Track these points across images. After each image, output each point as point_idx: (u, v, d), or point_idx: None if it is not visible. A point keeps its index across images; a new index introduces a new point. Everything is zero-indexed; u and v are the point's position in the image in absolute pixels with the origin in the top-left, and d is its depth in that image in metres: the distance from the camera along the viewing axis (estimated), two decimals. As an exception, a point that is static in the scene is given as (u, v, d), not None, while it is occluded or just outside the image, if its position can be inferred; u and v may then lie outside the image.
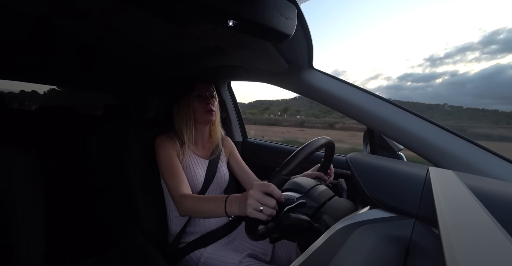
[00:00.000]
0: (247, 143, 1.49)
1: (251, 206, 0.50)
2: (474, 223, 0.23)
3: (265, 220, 0.51)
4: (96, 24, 0.76)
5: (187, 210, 0.69)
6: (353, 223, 0.44)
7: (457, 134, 0.65)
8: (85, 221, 1.01)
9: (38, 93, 4.39)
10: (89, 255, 0.71)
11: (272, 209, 0.50)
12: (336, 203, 0.60)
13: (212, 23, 0.47)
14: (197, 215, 0.68)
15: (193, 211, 0.67)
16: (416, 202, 0.42)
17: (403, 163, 0.57)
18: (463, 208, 0.27)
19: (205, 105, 0.88)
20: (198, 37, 0.81)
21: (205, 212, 0.64)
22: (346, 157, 0.57)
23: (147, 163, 0.91)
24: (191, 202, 0.68)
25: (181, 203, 0.70)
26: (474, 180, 0.44)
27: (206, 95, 0.89)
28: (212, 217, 0.68)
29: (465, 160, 0.60)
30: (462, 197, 0.31)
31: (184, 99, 0.87)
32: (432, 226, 0.39)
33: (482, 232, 0.21)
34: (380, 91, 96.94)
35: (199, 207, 0.66)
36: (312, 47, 0.74)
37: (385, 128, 0.71)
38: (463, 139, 0.63)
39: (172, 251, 0.85)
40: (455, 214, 0.24)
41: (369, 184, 0.49)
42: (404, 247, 0.39)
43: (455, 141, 0.63)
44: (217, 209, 0.61)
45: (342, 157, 1.03)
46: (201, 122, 0.90)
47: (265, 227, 0.58)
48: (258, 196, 0.50)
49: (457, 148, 0.62)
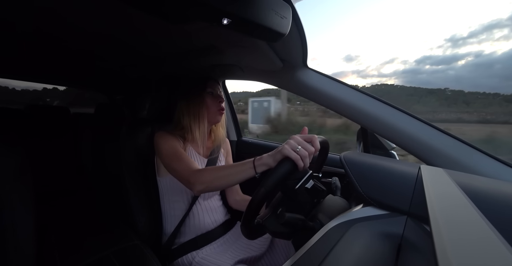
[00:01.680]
0: (242, 142, 1.49)
1: (290, 145, 0.52)
2: (464, 220, 0.24)
3: (297, 161, 0.51)
4: (88, 22, 0.75)
5: (205, 181, 0.64)
6: (346, 220, 0.45)
7: (448, 133, 0.66)
8: (76, 221, 1.00)
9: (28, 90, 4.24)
10: (81, 256, 0.70)
11: (307, 153, 0.52)
12: (330, 201, 0.61)
13: (206, 21, 0.47)
14: (218, 182, 0.63)
15: (214, 179, 0.63)
16: (408, 199, 0.42)
17: (395, 161, 0.58)
18: (453, 206, 0.28)
19: (218, 104, 0.87)
20: (193, 36, 0.80)
21: (229, 175, 0.62)
22: (340, 156, 0.57)
23: (141, 162, 0.90)
24: (211, 171, 0.66)
25: (199, 176, 0.65)
26: (464, 178, 0.45)
27: (217, 93, 0.89)
28: (234, 182, 0.62)
29: (456, 158, 0.61)
30: (453, 195, 0.32)
31: (196, 95, 0.86)
32: (423, 223, 0.39)
33: (472, 228, 0.22)
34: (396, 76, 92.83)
35: (221, 173, 0.63)
36: (306, 46, 0.75)
37: (378, 127, 0.72)
38: (454, 138, 0.65)
39: (166, 252, 0.84)
40: (446, 211, 0.25)
41: (362, 182, 0.50)
42: (397, 244, 0.39)
43: (446, 140, 0.65)
44: (245, 167, 0.59)
45: (336, 155, 1.04)
46: (209, 121, 0.89)
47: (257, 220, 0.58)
48: (299, 140, 0.53)
49: (448, 146, 0.63)
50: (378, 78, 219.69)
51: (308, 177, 0.57)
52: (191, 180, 0.65)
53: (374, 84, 61.63)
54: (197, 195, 0.73)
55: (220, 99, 0.88)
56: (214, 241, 0.87)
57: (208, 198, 0.91)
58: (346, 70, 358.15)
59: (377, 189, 0.47)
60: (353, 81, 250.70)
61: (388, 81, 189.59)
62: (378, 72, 44.55)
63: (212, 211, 0.91)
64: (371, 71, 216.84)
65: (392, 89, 12.38)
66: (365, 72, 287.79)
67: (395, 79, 17.43)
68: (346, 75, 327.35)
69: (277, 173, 0.50)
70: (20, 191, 0.57)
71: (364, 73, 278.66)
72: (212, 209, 0.91)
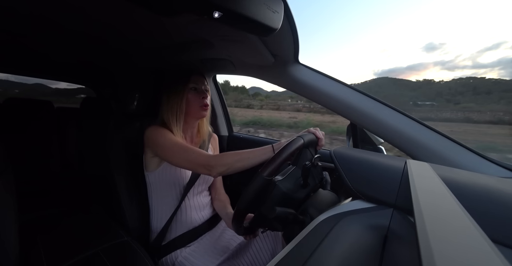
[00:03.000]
0: (233, 137, 1.49)
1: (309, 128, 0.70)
2: (445, 211, 0.25)
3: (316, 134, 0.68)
4: (72, 14, 0.71)
5: (227, 163, 0.68)
6: (335, 214, 0.46)
7: (434, 129, 0.69)
8: (63, 220, 0.97)
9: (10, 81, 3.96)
10: (69, 254, 0.69)
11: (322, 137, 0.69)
12: (320, 195, 0.62)
13: (197, 14, 0.46)
14: (239, 164, 0.68)
15: (236, 162, 0.68)
16: (394, 192, 0.44)
17: (383, 156, 0.60)
18: (436, 198, 0.29)
19: (201, 100, 0.86)
20: (183, 29, 0.78)
21: (250, 158, 0.68)
22: (330, 151, 0.58)
23: (129, 158, 0.88)
24: (232, 155, 0.70)
25: (219, 159, 0.69)
26: (447, 171, 0.47)
27: (201, 89, 0.87)
28: (253, 164, 0.68)
29: (440, 153, 0.64)
30: (435, 188, 0.33)
31: (177, 90, 0.84)
32: (408, 214, 0.41)
33: (452, 219, 0.23)
34: (501, 66, 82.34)
35: (242, 156, 0.69)
36: (298, 42, 0.75)
37: (367, 123, 0.74)
38: (438, 133, 0.68)
39: (155, 248, 0.84)
40: (429, 204, 0.26)
41: (351, 176, 0.51)
42: (383, 235, 0.41)
43: (431, 135, 0.67)
44: (264, 150, 0.68)
45: (326, 150, 1.06)
46: (193, 116, 0.88)
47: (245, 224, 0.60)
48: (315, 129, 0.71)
49: (433, 141, 0.66)
50: (473, 70, 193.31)
51: (319, 156, 0.65)
52: (211, 162, 0.69)
53: (458, 77, 51.72)
54: (215, 177, 0.76)
55: (203, 95, 0.86)
56: (199, 237, 0.87)
57: (197, 193, 0.91)
58: (425, 62, 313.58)
59: (365, 183, 0.49)
60: (436, 75, 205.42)
61: (488, 73, 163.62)
62: (473, 62, 39.95)
63: (200, 207, 0.91)
64: (462, 62, 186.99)
65: (481, 84, 11.48)
66: (453, 63, 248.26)
67: (499, 71, 15.10)
68: (426, 68, 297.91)
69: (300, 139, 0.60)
70: (1, 189, 0.54)
71: (452, 64, 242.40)
72: (200, 206, 0.91)
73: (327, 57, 21.66)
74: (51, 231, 0.84)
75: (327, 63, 25.59)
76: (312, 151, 0.66)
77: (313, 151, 0.67)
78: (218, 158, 0.69)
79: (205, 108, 0.87)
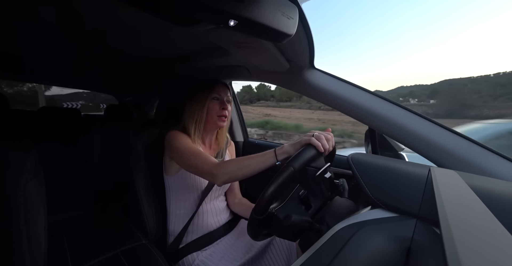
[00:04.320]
0: (248, 143, 1.50)
1: (307, 135, 0.60)
2: (477, 223, 0.23)
3: (319, 147, 0.57)
4: (98, 25, 0.77)
5: (229, 171, 0.67)
6: (354, 223, 0.44)
7: (459, 134, 0.64)
8: (86, 221, 1.02)
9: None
10: (92, 254, 0.72)
11: (325, 138, 0.58)
12: (338, 203, 0.60)
13: (213, 23, 0.47)
14: (241, 172, 0.66)
15: (237, 169, 0.66)
16: (417, 202, 0.41)
17: (404, 162, 0.57)
18: (465, 208, 0.27)
19: (221, 110, 0.86)
20: (199, 38, 0.81)
21: (251, 165, 0.65)
22: (347, 157, 0.56)
23: (149, 163, 0.91)
24: (233, 162, 0.69)
25: (222, 167, 0.68)
26: (477, 180, 0.44)
27: (223, 99, 0.88)
28: (256, 170, 0.65)
29: (468, 160, 0.60)
30: (465, 197, 0.31)
31: (200, 98, 0.86)
32: (433, 226, 0.38)
33: (485, 233, 0.21)
34: None
35: (244, 163, 0.66)
36: (313, 47, 0.74)
37: (386, 128, 0.71)
38: (465, 138, 0.63)
39: (172, 252, 0.85)
40: (457, 214, 0.24)
41: (370, 184, 0.49)
42: (406, 247, 0.39)
43: (457, 141, 0.63)
44: (266, 156, 0.64)
45: (343, 156, 1.03)
46: (211, 125, 0.89)
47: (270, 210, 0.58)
48: (315, 131, 0.61)
49: (459, 147, 0.62)
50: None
51: (327, 167, 0.58)
52: (214, 171, 0.68)
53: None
54: (220, 186, 0.76)
55: (224, 105, 0.87)
56: (215, 241, 0.87)
57: (214, 198, 0.92)
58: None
59: (386, 191, 0.46)
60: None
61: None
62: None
63: (216, 212, 0.92)
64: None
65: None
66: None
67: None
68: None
69: (303, 153, 0.54)
70: (34, 191, 0.59)
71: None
72: (217, 210, 0.92)
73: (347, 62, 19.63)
74: (76, 231, 0.88)
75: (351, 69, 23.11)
76: (321, 160, 0.59)
77: (321, 159, 0.59)
78: (221, 166, 0.68)
79: (223, 119, 0.87)
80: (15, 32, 0.86)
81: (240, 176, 0.67)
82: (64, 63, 1.35)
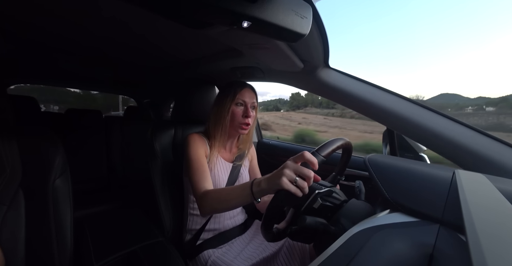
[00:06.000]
0: (262, 143, 1.50)
1: (287, 176, 0.48)
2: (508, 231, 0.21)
3: (296, 193, 0.48)
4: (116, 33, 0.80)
5: (208, 206, 0.65)
6: (372, 226, 0.42)
7: (488, 134, 0.60)
8: (107, 217, 1.07)
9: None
10: (113, 249, 0.75)
11: (305, 182, 0.48)
12: (354, 205, 0.58)
13: (227, 25, 0.48)
14: (220, 207, 0.64)
15: (217, 204, 0.64)
16: (441, 206, 0.39)
17: (426, 164, 0.54)
18: (494, 214, 0.25)
19: (243, 118, 0.83)
20: (213, 39, 0.82)
21: (230, 200, 0.61)
22: (364, 158, 0.55)
23: (165, 162, 0.94)
24: (213, 195, 0.66)
25: (203, 200, 0.67)
26: (509, 185, 0.41)
27: (248, 105, 0.84)
28: (236, 205, 0.62)
29: (497, 163, 0.56)
30: (494, 202, 0.29)
31: (224, 102, 0.83)
32: (458, 232, 0.36)
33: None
34: None
35: (222, 197, 0.63)
36: (328, 46, 0.73)
37: (406, 129, 0.68)
38: (494, 139, 0.59)
39: (187, 249, 0.87)
40: (485, 221, 0.23)
41: (388, 186, 0.47)
42: (428, 254, 0.37)
43: (485, 142, 0.59)
44: (244, 192, 0.57)
45: (360, 158, 1.00)
46: (232, 131, 0.87)
47: (276, 227, 0.58)
48: (295, 166, 0.48)
49: (487, 149, 0.58)
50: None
51: (313, 197, 0.54)
52: (198, 201, 0.70)
53: None
54: (205, 217, 0.78)
55: (247, 113, 0.83)
56: (230, 240, 0.88)
57: None
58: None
59: (406, 194, 0.44)
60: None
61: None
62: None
63: (233, 213, 0.94)
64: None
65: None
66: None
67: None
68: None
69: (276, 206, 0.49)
70: (62, 187, 0.63)
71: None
72: (233, 212, 0.94)
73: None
74: (98, 227, 0.92)
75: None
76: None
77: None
78: (203, 197, 0.68)
79: (245, 127, 0.84)
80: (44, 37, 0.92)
81: (221, 209, 0.65)
82: (90, 68, 1.43)
